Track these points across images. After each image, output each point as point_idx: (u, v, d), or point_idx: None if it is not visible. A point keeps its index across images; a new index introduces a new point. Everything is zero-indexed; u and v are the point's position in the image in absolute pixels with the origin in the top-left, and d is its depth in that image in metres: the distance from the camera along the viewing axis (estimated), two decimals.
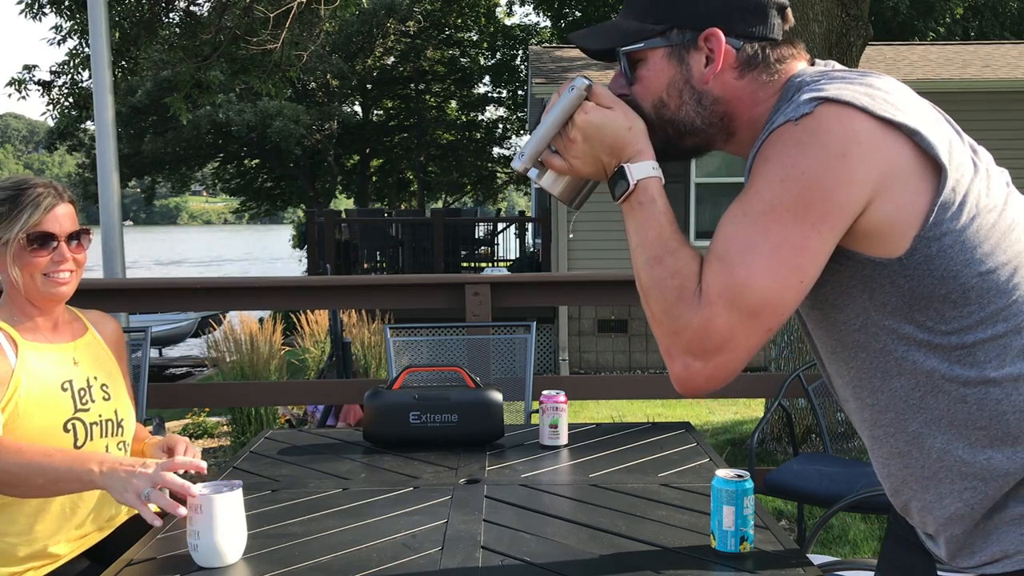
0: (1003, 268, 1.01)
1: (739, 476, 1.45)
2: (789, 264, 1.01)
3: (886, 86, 1.04)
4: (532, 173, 1.22)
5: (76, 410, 1.81)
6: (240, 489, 1.47)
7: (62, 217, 1.81)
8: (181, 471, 1.57)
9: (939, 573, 1.09)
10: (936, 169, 0.99)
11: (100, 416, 1.85)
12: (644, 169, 1.13)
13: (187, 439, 1.90)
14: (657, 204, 1.12)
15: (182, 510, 1.47)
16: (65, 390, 1.81)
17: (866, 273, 1.04)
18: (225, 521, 1.43)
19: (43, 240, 1.78)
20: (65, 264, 1.81)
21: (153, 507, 1.54)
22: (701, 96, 1.14)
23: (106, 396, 1.89)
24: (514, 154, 1.20)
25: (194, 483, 1.47)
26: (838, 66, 1.13)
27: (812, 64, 1.16)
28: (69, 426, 1.79)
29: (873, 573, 1.31)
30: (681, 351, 1.05)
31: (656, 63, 1.15)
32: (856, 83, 1.03)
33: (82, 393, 1.84)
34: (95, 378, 1.88)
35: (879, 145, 0.98)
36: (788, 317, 1.04)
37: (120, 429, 1.91)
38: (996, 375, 1.02)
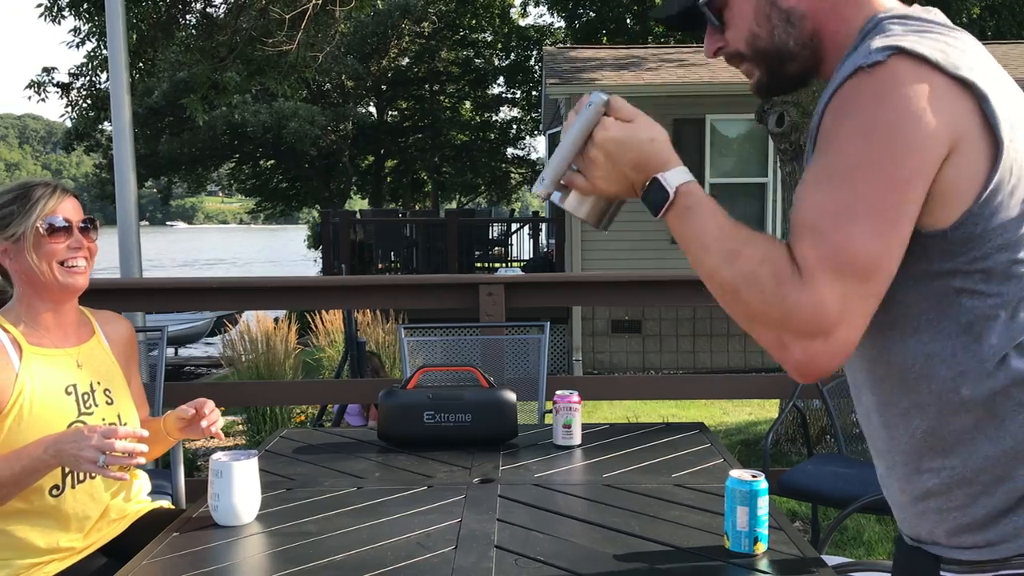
0: None
1: (753, 477, 1.45)
2: (887, 220, 0.96)
3: (963, 44, 1.00)
4: (555, 197, 1.17)
5: (80, 413, 1.82)
6: (256, 458, 1.66)
7: (72, 207, 1.86)
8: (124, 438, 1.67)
9: (942, 574, 1.08)
10: (994, 143, 0.96)
11: (103, 420, 1.86)
12: (680, 175, 1.08)
13: (208, 400, 1.86)
14: (706, 203, 1.06)
15: (140, 460, 1.68)
16: (69, 394, 1.83)
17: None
18: (241, 485, 1.63)
19: (60, 227, 1.82)
20: (81, 251, 1.86)
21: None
22: (788, 14, 1.11)
23: (109, 401, 1.90)
24: (535, 179, 1.15)
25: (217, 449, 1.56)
26: (919, 9, 1.07)
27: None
28: (73, 429, 1.80)
29: (885, 574, 1.31)
30: (796, 336, 0.98)
31: (737, 1, 1.13)
32: (933, 35, 0.99)
33: (85, 397, 1.85)
34: (98, 383, 1.90)
35: (953, 103, 0.95)
36: (893, 277, 0.98)
37: None
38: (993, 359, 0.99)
